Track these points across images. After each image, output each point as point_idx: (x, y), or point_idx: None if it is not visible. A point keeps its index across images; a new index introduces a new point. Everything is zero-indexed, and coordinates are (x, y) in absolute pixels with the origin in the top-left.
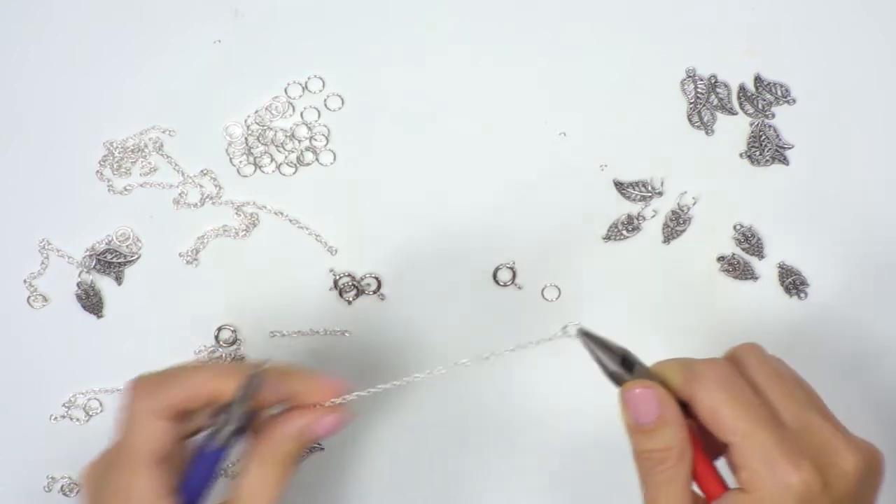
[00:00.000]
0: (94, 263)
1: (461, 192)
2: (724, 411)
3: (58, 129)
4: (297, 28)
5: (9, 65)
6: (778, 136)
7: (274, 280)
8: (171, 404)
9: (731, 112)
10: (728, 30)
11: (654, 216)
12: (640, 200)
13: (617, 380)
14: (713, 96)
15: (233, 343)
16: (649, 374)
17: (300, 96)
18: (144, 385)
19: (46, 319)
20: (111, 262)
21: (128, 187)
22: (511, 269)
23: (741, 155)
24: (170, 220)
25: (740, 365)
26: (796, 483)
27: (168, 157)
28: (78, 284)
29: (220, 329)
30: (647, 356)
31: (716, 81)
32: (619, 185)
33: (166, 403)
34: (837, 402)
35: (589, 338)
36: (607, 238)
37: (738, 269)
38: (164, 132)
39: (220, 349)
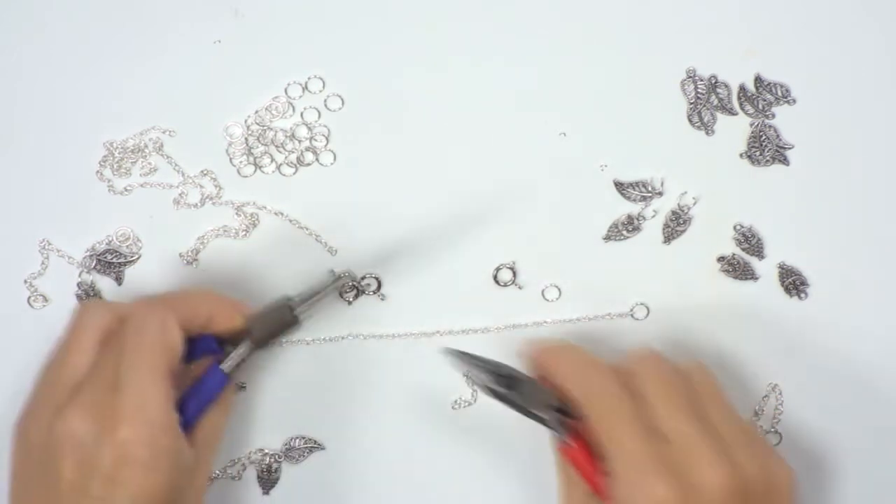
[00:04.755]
0: (94, 264)
1: (461, 192)
2: (601, 423)
3: (58, 129)
4: (297, 28)
5: (9, 65)
6: (778, 136)
7: (274, 280)
8: (186, 317)
9: (732, 112)
10: (728, 30)
11: (654, 216)
12: (640, 200)
13: (499, 397)
14: (713, 96)
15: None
16: (532, 384)
17: (300, 96)
18: (161, 298)
19: (46, 319)
20: (111, 262)
21: (128, 187)
22: (511, 269)
23: (741, 155)
24: (170, 220)
25: (631, 374)
26: (657, 497)
27: (168, 157)
28: (78, 285)
29: None
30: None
31: (716, 82)
32: (619, 185)
33: (185, 315)
34: (837, 402)
35: (458, 356)
36: (607, 238)
37: (738, 269)
38: (164, 132)
39: None
